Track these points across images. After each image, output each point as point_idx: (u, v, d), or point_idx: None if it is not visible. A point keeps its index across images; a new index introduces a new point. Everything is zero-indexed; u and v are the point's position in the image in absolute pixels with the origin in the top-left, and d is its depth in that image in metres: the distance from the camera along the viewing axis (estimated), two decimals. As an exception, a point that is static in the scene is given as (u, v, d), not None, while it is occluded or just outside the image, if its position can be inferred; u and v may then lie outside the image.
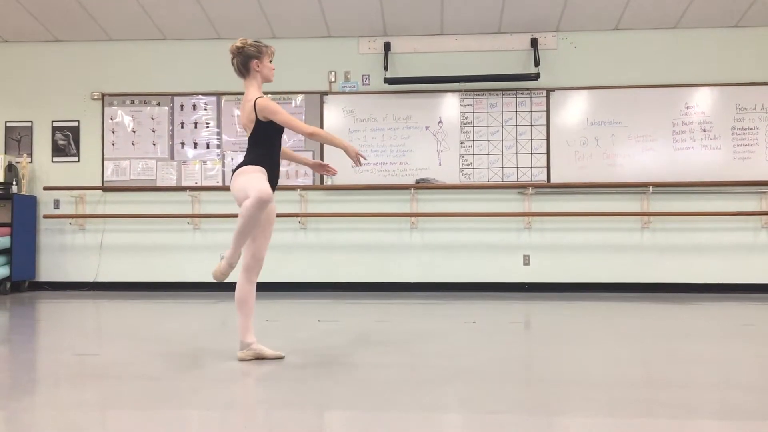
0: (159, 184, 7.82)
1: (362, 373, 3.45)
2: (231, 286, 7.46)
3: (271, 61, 3.78)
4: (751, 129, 7.39)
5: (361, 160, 3.79)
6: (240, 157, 7.93)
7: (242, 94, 3.79)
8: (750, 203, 7.35)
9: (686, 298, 6.87)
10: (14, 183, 7.61)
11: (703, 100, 7.45)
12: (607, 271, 7.45)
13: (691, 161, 7.42)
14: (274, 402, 2.96)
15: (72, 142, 7.95)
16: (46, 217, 7.82)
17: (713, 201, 7.36)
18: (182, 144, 7.84)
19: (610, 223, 7.48)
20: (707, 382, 3.28)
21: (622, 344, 4.37)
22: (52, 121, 7.96)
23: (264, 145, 3.70)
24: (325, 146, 7.63)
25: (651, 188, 7.33)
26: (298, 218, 7.59)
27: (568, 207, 7.45)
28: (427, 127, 7.64)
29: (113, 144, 7.90)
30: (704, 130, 7.43)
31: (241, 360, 3.70)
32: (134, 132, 7.89)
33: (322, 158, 7.65)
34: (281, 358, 3.71)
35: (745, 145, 7.39)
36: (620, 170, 7.47)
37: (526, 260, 7.55)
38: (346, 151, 3.73)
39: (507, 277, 7.53)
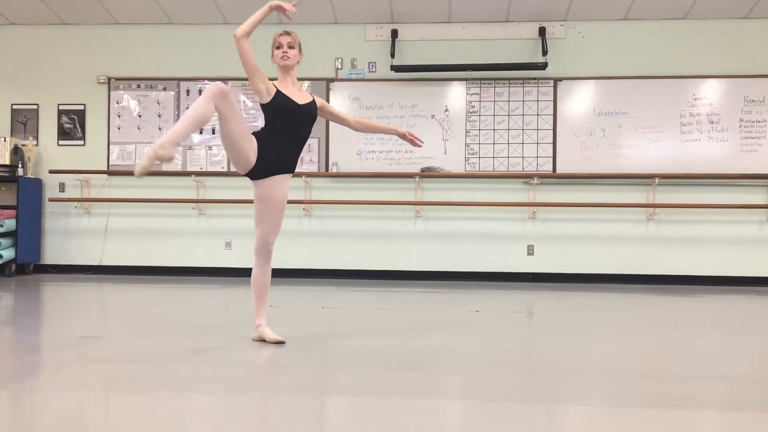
0: (164, 168, 7.82)
1: (365, 359, 3.46)
2: (234, 272, 7.49)
3: (278, 47, 3.78)
4: (759, 122, 7.35)
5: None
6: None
7: (247, 79, 3.78)
8: (757, 196, 7.32)
9: (691, 290, 6.86)
10: (20, 166, 7.63)
11: (711, 92, 7.40)
12: (611, 262, 7.44)
13: (697, 153, 7.39)
14: (277, 387, 2.97)
15: (78, 125, 7.95)
16: (51, 200, 7.84)
17: (719, 193, 7.33)
18: (188, 129, 7.82)
19: (615, 215, 7.46)
20: (711, 373, 3.28)
21: (625, 335, 4.37)
22: (58, 105, 7.96)
23: (269, 123, 3.71)
24: (331, 126, 7.62)
25: (657, 180, 7.30)
26: (303, 205, 7.59)
27: (574, 198, 7.43)
28: (433, 116, 7.61)
29: (119, 128, 7.90)
30: (712, 122, 7.39)
31: (253, 340, 3.81)
32: (140, 116, 7.88)
33: (327, 141, 7.64)
34: (281, 343, 3.71)
35: (753, 138, 7.35)
36: (626, 161, 7.44)
37: (531, 250, 7.54)
38: (266, 8, 3.67)
39: (511, 266, 7.53)
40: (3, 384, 2.92)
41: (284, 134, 3.70)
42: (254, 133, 3.69)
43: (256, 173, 3.67)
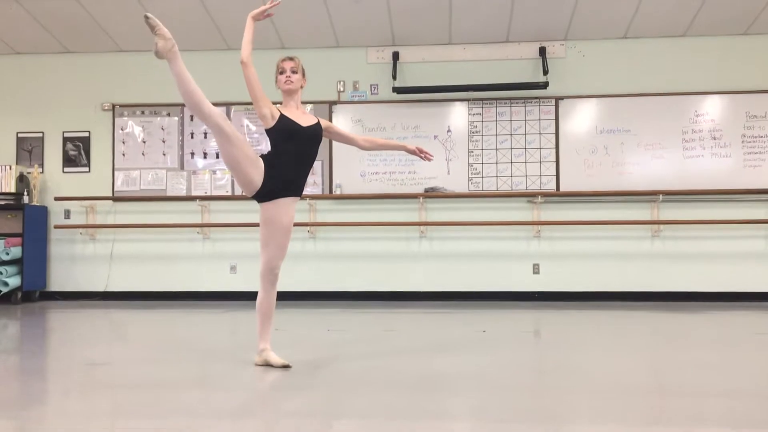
0: (169, 193, 7.85)
1: (372, 382, 3.45)
2: (239, 296, 7.48)
3: (281, 72, 3.84)
4: (762, 137, 7.35)
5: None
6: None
7: (251, 104, 3.84)
8: (761, 211, 7.30)
9: (698, 307, 6.82)
10: (25, 193, 7.66)
11: (712, 108, 7.42)
12: (617, 279, 7.42)
13: (701, 169, 7.39)
14: (284, 411, 2.96)
15: (83, 152, 8.00)
16: (56, 227, 7.87)
17: (724, 209, 7.32)
18: (192, 154, 7.88)
19: (620, 232, 7.45)
20: (718, 390, 3.26)
21: (633, 353, 4.35)
22: (63, 132, 8.02)
23: (274, 148, 3.76)
24: (334, 149, 7.66)
25: (661, 196, 7.30)
26: (307, 227, 7.60)
27: (578, 215, 7.43)
28: (435, 136, 7.64)
29: (123, 154, 7.95)
30: (714, 138, 7.40)
31: (256, 365, 3.79)
32: (144, 142, 7.93)
33: (330, 163, 7.67)
34: (287, 367, 3.71)
35: (756, 153, 7.35)
36: (630, 178, 7.44)
37: (536, 269, 7.52)
38: (254, 15, 3.89)
39: (517, 285, 7.51)
40: (11, 412, 2.91)
41: (289, 157, 3.72)
42: (262, 156, 3.72)
43: (261, 195, 3.70)
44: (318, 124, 3.90)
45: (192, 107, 3.56)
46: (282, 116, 3.74)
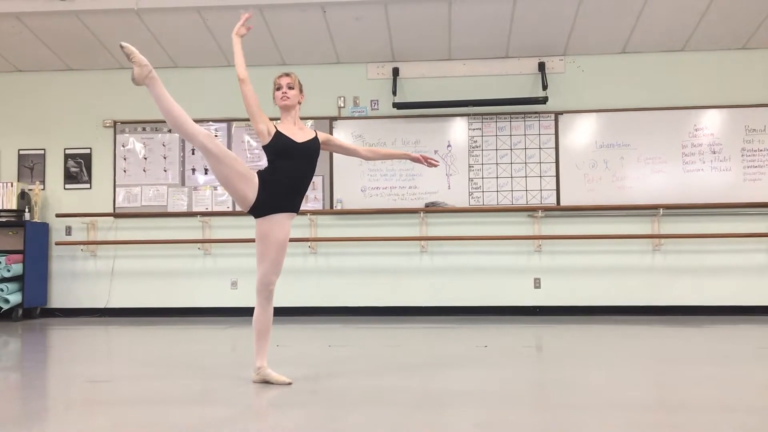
0: (170, 210, 7.86)
1: (373, 398, 3.44)
2: (240, 311, 7.46)
3: (278, 89, 3.86)
4: (761, 150, 7.37)
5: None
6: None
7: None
8: (762, 225, 7.30)
9: (699, 321, 6.80)
10: (27, 210, 7.67)
11: (712, 122, 7.45)
12: (619, 293, 7.41)
13: (701, 183, 7.40)
14: (284, 428, 2.95)
15: (84, 169, 8.02)
16: (58, 243, 7.87)
17: (724, 223, 7.32)
18: (193, 170, 7.90)
19: (621, 246, 7.45)
20: (723, 406, 3.24)
21: (635, 367, 4.33)
22: (65, 149, 8.05)
23: (270, 164, 3.79)
24: (335, 163, 7.68)
25: (661, 210, 7.30)
26: (308, 243, 7.60)
27: (579, 230, 7.43)
28: (436, 151, 7.66)
29: (125, 171, 7.97)
30: (714, 152, 7.42)
31: (254, 382, 3.76)
32: (145, 159, 7.95)
33: (331, 178, 7.68)
34: (288, 384, 3.69)
35: (756, 167, 7.36)
36: (630, 192, 7.45)
37: (537, 283, 7.51)
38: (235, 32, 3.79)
39: (518, 300, 7.49)
40: (11, 429, 2.90)
41: (284, 173, 3.74)
42: (259, 172, 3.74)
43: (256, 210, 3.72)
44: (315, 138, 3.92)
45: (176, 128, 3.65)
46: (278, 133, 3.76)
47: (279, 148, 3.73)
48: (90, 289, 7.88)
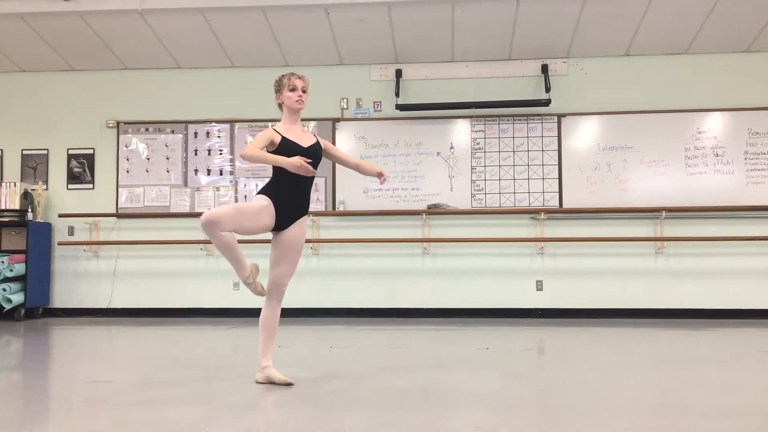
0: (172, 210, 7.87)
1: (375, 400, 3.44)
2: (243, 312, 7.47)
3: (293, 90, 3.82)
4: (764, 153, 7.36)
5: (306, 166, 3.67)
6: (252, 184, 7.97)
7: (255, 121, 3.85)
8: (765, 228, 7.29)
9: (701, 324, 6.79)
10: (30, 210, 7.69)
11: (715, 125, 7.44)
12: (621, 296, 7.40)
13: (704, 186, 7.39)
14: (288, 429, 2.95)
15: (87, 169, 8.03)
16: (60, 243, 7.88)
17: (727, 226, 7.31)
18: (196, 171, 7.91)
19: (623, 248, 7.44)
20: (725, 409, 3.24)
21: (638, 371, 4.33)
22: (68, 149, 8.06)
23: (274, 173, 3.79)
24: (337, 165, 7.68)
25: (664, 213, 7.29)
26: (311, 244, 7.61)
27: (581, 232, 7.43)
28: (438, 153, 7.66)
29: (127, 171, 7.98)
30: (717, 155, 7.41)
31: (257, 382, 3.77)
32: (148, 159, 7.96)
33: (334, 180, 7.69)
34: (290, 384, 3.70)
35: (759, 170, 7.35)
36: (633, 195, 7.45)
37: (539, 285, 7.50)
38: (287, 166, 3.64)
39: (520, 302, 7.49)
40: (13, 429, 2.91)
41: (292, 180, 3.74)
42: (264, 192, 3.74)
43: (277, 227, 3.75)
44: (318, 143, 3.92)
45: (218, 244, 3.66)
46: (284, 139, 3.75)
47: (287, 154, 3.72)
48: (92, 289, 7.89)
